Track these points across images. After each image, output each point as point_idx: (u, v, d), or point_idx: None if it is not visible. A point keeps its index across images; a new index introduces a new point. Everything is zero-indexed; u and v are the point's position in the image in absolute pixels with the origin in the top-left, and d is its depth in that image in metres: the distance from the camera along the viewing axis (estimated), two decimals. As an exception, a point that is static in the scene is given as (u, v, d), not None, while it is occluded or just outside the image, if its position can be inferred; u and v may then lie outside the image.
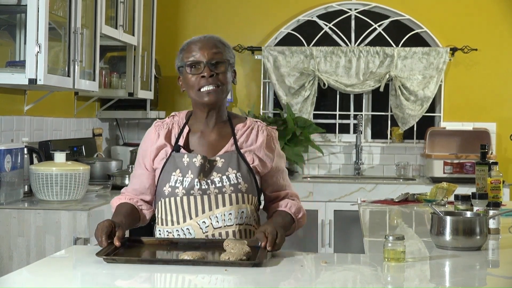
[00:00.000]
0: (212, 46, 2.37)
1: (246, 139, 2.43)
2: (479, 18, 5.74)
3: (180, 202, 2.35)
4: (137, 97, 4.99)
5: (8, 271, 3.13)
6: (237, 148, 2.40)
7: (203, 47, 2.36)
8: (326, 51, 5.70)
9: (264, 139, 2.45)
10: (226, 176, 2.35)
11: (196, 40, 2.40)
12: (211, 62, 2.35)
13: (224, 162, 2.37)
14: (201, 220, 2.34)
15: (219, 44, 2.39)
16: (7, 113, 3.92)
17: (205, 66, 2.34)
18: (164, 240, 2.31)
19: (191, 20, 5.90)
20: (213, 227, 2.34)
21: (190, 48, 2.37)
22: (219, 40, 2.41)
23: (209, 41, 2.38)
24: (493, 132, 5.64)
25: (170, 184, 2.37)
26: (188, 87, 2.38)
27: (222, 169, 2.36)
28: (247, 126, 2.45)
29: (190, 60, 2.36)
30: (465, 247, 2.42)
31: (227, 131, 2.43)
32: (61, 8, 3.81)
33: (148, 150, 2.44)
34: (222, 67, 2.36)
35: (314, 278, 2.08)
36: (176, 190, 2.35)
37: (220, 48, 2.38)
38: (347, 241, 5.23)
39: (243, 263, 2.06)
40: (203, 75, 2.34)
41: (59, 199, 3.52)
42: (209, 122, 2.42)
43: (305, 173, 5.79)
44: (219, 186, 2.34)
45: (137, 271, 2.03)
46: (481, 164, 3.61)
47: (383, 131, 5.94)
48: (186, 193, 2.34)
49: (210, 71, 2.34)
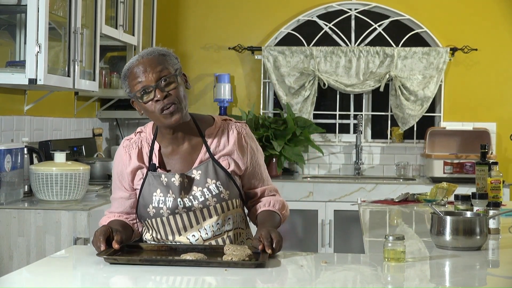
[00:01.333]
0: (155, 64, 2.25)
1: (218, 143, 2.37)
2: (479, 18, 5.74)
3: (166, 221, 2.34)
4: (137, 97, 4.98)
5: (8, 271, 3.13)
6: (211, 155, 2.36)
7: (146, 69, 2.24)
8: (326, 51, 5.70)
9: (235, 140, 2.39)
10: (206, 188, 2.33)
11: (136, 63, 2.26)
12: (160, 83, 2.24)
13: (201, 174, 2.34)
14: (191, 234, 2.34)
15: (160, 59, 2.27)
16: (7, 113, 3.92)
17: (155, 89, 2.23)
18: (163, 245, 2.30)
19: (191, 20, 5.90)
20: (203, 239, 2.35)
21: (134, 74, 2.26)
22: (158, 54, 2.28)
23: (150, 61, 2.25)
24: (493, 132, 5.64)
25: (153, 205, 2.34)
26: (148, 114, 2.30)
27: (201, 182, 2.33)
28: (217, 128, 2.39)
29: (139, 89, 2.25)
30: (465, 247, 2.42)
31: (197, 141, 2.37)
32: (61, 8, 3.81)
33: (124, 173, 2.39)
34: (173, 83, 2.26)
35: (314, 278, 2.08)
36: (161, 211, 2.33)
37: (162, 64, 2.26)
38: (347, 241, 5.23)
39: (246, 263, 2.06)
40: (157, 99, 2.24)
41: (59, 199, 3.52)
42: (178, 137, 2.36)
43: (305, 173, 5.79)
44: (202, 201, 2.33)
45: (138, 272, 2.03)
46: (481, 164, 3.61)
47: (383, 131, 5.94)
48: (171, 212, 2.33)
49: (162, 92, 2.23)
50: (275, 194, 2.50)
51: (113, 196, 2.47)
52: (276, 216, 2.44)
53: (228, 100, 5.69)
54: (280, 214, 2.46)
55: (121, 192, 2.43)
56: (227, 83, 5.69)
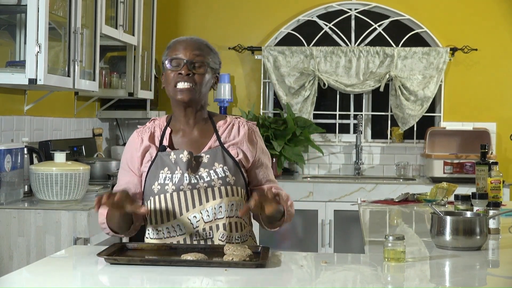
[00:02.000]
0: (196, 48, 2.40)
1: (228, 134, 2.45)
2: (479, 18, 5.74)
3: (170, 198, 2.35)
4: (137, 97, 4.99)
5: (8, 271, 3.13)
6: (221, 143, 2.43)
7: (187, 47, 2.40)
8: (326, 51, 5.70)
9: (245, 132, 2.46)
10: (213, 170, 2.38)
11: (182, 39, 2.44)
12: (191, 61, 2.38)
13: (210, 158, 2.39)
14: (192, 215, 2.34)
15: (203, 47, 2.42)
16: (7, 113, 3.92)
17: (185, 64, 2.37)
18: (163, 245, 2.30)
19: (191, 20, 5.90)
20: (204, 221, 2.35)
21: (175, 47, 2.41)
22: (205, 44, 2.44)
23: (194, 43, 2.42)
24: (493, 132, 5.64)
25: (159, 182, 2.37)
26: (166, 83, 2.42)
27: (209, 164, 2.38)
28: (228, 123, 2.48)
29: (172, 57, 2.40)
30: (465, 247, 2.43)
31: (208, 128, 2.46)
32: (61, 8, 3.81)
33: (134, 156, 2.44)
34: (201, 69, 2.39)
35: (314, 278, 2.08)
36: (166, 187, 2.36)
37: (203, 51, 2.41)
38: (347, 241, 5.23)
39: (247, 263, 2.06)
40: (181, 72, 2.37)
41: (59, 199, 3.52)
42: (189, 121, 2.44)
43: (305, 173, 5.79)
44: (207, 180, 2.36)
45: (138, 272, 2.03)
46: (481, 164, 3.61)
47: (383, 131, 5.94)
48: (176, 189, 2.35)
49: (188, 70, 2.37)
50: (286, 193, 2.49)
51: (118, 184, 2.48)
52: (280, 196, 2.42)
53: (228, 100, 5.69)
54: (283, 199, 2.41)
55: (128, 176, 2.45)
56: (227, 83, 5.69)
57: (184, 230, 2.35)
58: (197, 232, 2.34)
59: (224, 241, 2.35)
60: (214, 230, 2.35)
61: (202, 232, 2.34)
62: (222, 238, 2.35)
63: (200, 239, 2.35)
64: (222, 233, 2.35)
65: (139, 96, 4.99)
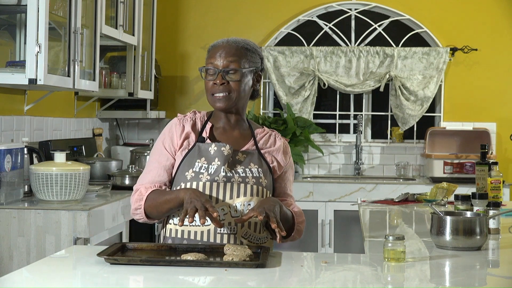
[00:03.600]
0: (232, 53, 2.43)
1: (266, 142, 2.51)
2: (479, 18, 5.74)
3: (202, 187, 2.36)
4: (137, 97, 4.99)
5: (8, 271, 3.13)
6: (258, 148, 2.48)
7: (222, 54, 2.42)
8: (326, 51, 5.70)
9: (281, 144, 2.54)
10: (249, 169, 2.42)
11: (219, 45, 2.46)
12: (225, 70, 2.41)
13: (246, 158, 2.44)
14: (220, 208, 2.35)
15: (239, 50, 2.44)
16: (7, 113, 3.92)
17: (219, 73, 2.41)
18: (163, 245, 2.30)
19: (191, 20, 5.90)
20: (231, 215, 2.36)
21: (213, 53, 2.45)
22: (241, 46, 2.46)
23: (230, 48, 2.44)
24: (493, 132, 5.64)
25: (194, 170, 2.39)
26: (205, 90, 2.47)
27: (245, 163, 2.43)
28: (266, 132, 2.55)
29: (208, 66, 2.44)
30: (465, 247, 2.43)
31: (247, 132, 2.52)
32: (61, 8, 3.81)
33: (175, 139, 2.45)
34: (235, 75, 2.42)
35: (314, 278, 2.08)
36: (200, 176, 2.38)
37: (238, 56, 2.43)
38: (347, 241, 5.23)
39: (247, 263, 2.06)
40: (215, 82, 2.41)
41: (59, 199, 3.52)
42: (230, 121, 2.50)
43: (305, 173, 5.79)
44: (243, 176, 2.40)
45: (138, 272, 2.03)
46: (481, 164, 3.61)
47: (383, 131, 5.95)
48: (211, 179, 2.37)
49: (222, 79, 2.40)
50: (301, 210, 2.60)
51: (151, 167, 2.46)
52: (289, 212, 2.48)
53: (228, 100, 5.68)
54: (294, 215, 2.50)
55: (164, 159, 2.44)
56: (227, 83, 5.68)
57: (210, 221, 2.34)
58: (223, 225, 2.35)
59: (247, 239, 2.36)
60: (239, 226, 2.36)
61: (228, 226, 2.35)
62: (245, 235, 2.36)
63: (224, 233, 2.34)
64: (246, 230, 2.36)
65: (139, 96, 4.99)
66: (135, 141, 5.79)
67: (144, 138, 5.79)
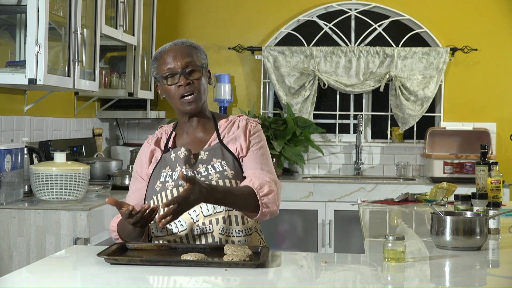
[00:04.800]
0: (185, 54, 2.44)
1: (228, 131, 2.49)
2: (479, 18, 5.74)
3: (170, 194, 2.38)
4: (137, 97, 4.99)
5: (8, 271, 3.13)
6: (220, 140, 2.47)
7: (176, 56, 2.43)
8: (326, 51, 5.70)
9: (243, 126, 2.49)
10: (211, 165, 2.41)
11: (168, 49, 2.46)
12: (186, 70, 2.42)
13: (208, 154, 2.44)
14: (192, 210, 2.35)
15: (191, 51, 2.46)
16: (7, 113, 3.92)
17: (181, 75, 2.42)
18: (163, 245, 2.30)
19: (191, 20, 5.90)
20: (203, 215, 2.36)
21: (164, 59, 2.45)
22: (190, 46, 2.48)
23: (181, 49, 2.45)
24: (493, 132, 5.64)
25: (160, 180, 2.43)
26: (168, 97, 2.47)
27: (207, 161, 2.43)
28: (230, 121, 2.52)
29: (165, 72, 2.43)
30: (465, 247, 2.43)
31: (210, 127, 2.51)
32: (61, 8, 3.81)
33: (143, 162, 2.52)
34: (197, 74, 2.44)
35: (314, 278, 2.08)
36: (166, 184, 2.41)
37: (192, 55, 2.45)
38: (347, 241, 5.23)
39: (247, 263, 2.06)
40: (180, 84, 2.41)
41: (59, 199, 3.52)
42: (192, 123, 2.51)
43: (305, 173, 5.79)
44: (205, 175, 2.39)
45: (138, 272, 2.03)
46: (481, 164, 3.61)
47: (383, 131, 5.94)
48: (175, 185, 2.39)
49: (186, 79, 2.41)
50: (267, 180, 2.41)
51: (129, 193, 2.54)
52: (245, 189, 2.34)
53: (228, 100, 5.69)
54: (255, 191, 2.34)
55: (138, 183, 2.51)
56: (227, 83, 5.70)
57: (186, 225, 2.36)
58: (198, 227, 2.36)
59: (224, 234, 2.36)
60: (214, 223, 2.36)
61: (202, 226, 2.35)
62: (222, 232, 2.36)
63: (201, 234, 2.35)
64: (222, 226, 2.36)
65: (139, 96, 4.99)
66: (135, 141, 5.79)
67: (144, 138, 5.76)
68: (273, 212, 2.39)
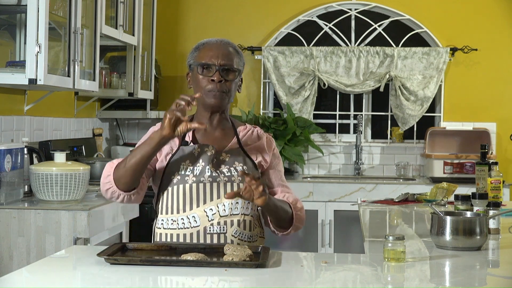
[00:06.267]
0: (227, 53, 2.45)
1: (248, 138, 2.52)
2: (479, 18, 5.74)
3: (189, 189, 2.38)
4: (137, 97, 4.99)
5: (8, 271, 3.13)
6: (241, 146, 2.49)
7: (218, 52, 2.44)
8: (326, 51, 5.70)
9: (264, 139, 2.55)
10: (233, 167, 2.43)
11: (213, 42, 2.48)
12: (223, 68, 2.42)
13: (231, 157, 2.45)
14: (208, 208, 2.37)
15: (233, 52, 2.47)
16: (7, 113, 3.92)
17: (217, 71, 2.42)
18: (163, 245, 2.31)
19: (191, 20, 5.90)
20: (220, 214, 2.37)
21: (206, 50, 2.46)
22: (234, 48, 2.49)
23: (225, 47, 2.46)
24: (493, 132, 5.64)
25: (179, 173, 2.41)
26: (196, 87, 2.46)
27: (229, 162, 2.44)
28: (248, 129, 2.55)
29: (203, 62, 2.43)
30: (465, 247, 2.43)
31: (230, 131, 2.52)
32: (61, 8, 3.81)
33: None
34: (232, 75, 2.45)
35: (314, 278, 2.08)
36: (186, 178, 2.40)
37: (233, 56, 2.46)
38: (347, 241, 5.23)
39: (247, 263, 2.06)
40: (213, 79, 2.42)
41: (59, 199, 3.52)
42: (213, 121, 2.50)
43: (305, 173, 5.79)
44: (228, 175, 2.41)
45: (138, 272, 2.03)
46: (481, 164, 3.61)
47: (383, 131, 5.94)
48: (196, 180, 2.39)
49: (220, 76, 2.41)
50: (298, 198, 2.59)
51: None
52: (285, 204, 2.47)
53: (228, 100, 5.68)
54: (291, 206, 2.49)
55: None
56: (227, 83, 5.69)
57: (199, 222, 2.37)
58: (212, 225, 2.36)
59: (237, 237, 2.37)
60: (228, 225, 2.37)
61: (217, 226, 2.36)
62: (235, 234, 2.37)
63: (213, 233, 2.36)
64: (236, 229, 2.37)
65: (139, 96, 4.99)
66: (135, 141, 5.79)
67: (144, 138, 5.78)
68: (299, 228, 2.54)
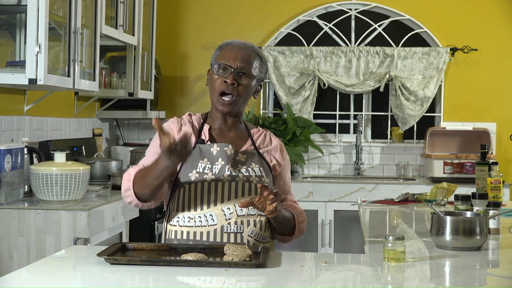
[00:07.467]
0: (247, 57, 2.44)
1: (262, 141, 2.54)
2: (479, 18, 5.74)
3: (207, 187, 2.38)
4: (137, 97, 4.99)
5: (8, 271, 3.13)
6: (256, 148, 2.50)
7: (238, 54, 2.43)
8: (326, 51, 5.70)
9: (277, 144, 2.57)
10: (251, 168, 2.44)
11: (235, 44, 2.48)
12: (239, 71, 2.42)
13: (247, 158, 2.46)
14: (226, 207, 2.37)
15: (254, 58, 2.46)
16: (7, 113, 3.92)
17: (231, 73, 2.42)
18: (163, 245, 2.30)
19: (191, 20, 5.90)
20: (237, 214, 2.38)
21: (227, 50, 2.46)
22: (256, 52, 2.48)
23: (246, 52, 2.45)
24: (493, 132, 5.64)
25: (197, 171, 2.40)
26: (211, 87, 2.47)
27: (247, 163, 2.45)
28: (261, 132, 2.57)
29: (221, 62, 2.43)
30: (465, 247, 2.43)
31: (244, 132, 2.54)
32: (61, 8, 3.81)
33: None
34: (246, 80, 2.44)
35: (314, 278, 2.08)
36: (205, 176, 2.39)
37: (252, 61, 2.44)
38: (347, 241, 5.23)
39: (247, 263, 2.06)
40: (226, 80, 2.42)
41: (59, 199, 3.52)
42: (227, 122, 2.52)
43: (305, 173, 5.79)
44: (246, 175, 2.42)
45: (138, 272, 2.03)
46: (481, 164, 3.61)
47: (383, 131, 5.95)
48: (216, 179, 2.39)
49: (233, 79, 2.41)
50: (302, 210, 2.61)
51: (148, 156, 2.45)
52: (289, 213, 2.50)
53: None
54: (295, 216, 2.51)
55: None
56: (227, 83, 5.69)
57: (217, 220, 2.37)
58: (229, 224, 2.36)
59: (253, 237, 2.37)
60: (245, 224, 2.37)
61: (234, 225, 2.36)
62: (252, 234, 2.38)
63: (230, 232, 2.36)
64: (252, 229, 2.37)
65: (139, 96, 4.99)
66: (135, 141, 5.79)
67: (144, 138, 5.79)
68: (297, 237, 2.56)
